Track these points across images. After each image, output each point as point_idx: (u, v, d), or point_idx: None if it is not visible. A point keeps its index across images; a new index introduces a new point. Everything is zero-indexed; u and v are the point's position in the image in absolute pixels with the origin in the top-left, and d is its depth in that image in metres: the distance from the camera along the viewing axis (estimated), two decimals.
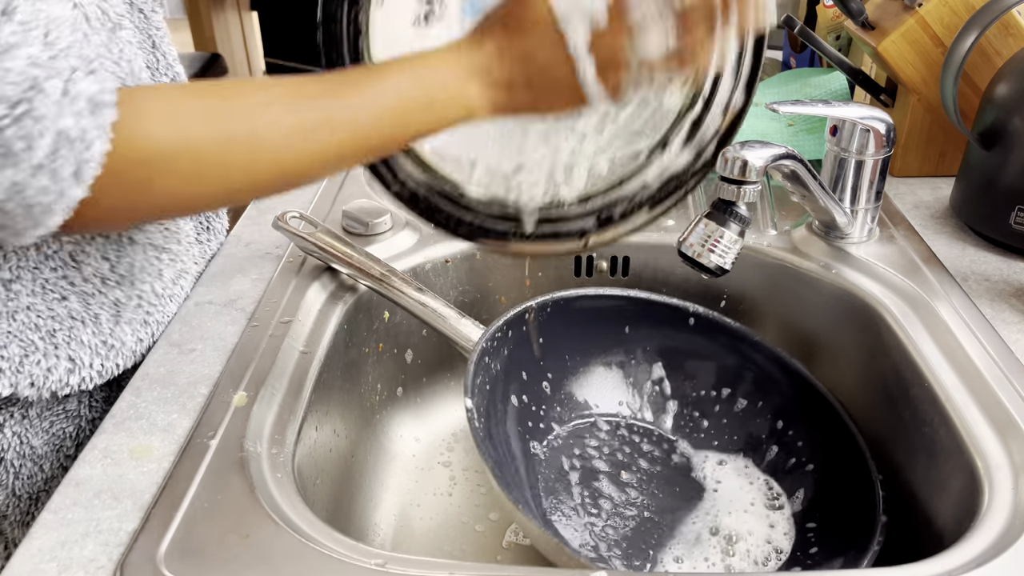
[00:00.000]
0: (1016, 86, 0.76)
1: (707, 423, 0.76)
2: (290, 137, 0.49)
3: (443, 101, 0.53)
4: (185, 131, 0.47)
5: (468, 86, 0.53)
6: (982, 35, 0.75)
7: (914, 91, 0.88)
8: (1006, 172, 0.76)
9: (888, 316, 0.70)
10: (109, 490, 0.53)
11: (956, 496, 0.58)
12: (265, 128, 0.49)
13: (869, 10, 0.91)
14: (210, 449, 0.55)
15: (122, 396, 0.61)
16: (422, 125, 0.53)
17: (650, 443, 0.74)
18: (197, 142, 0.47)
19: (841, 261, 0.76)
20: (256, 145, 0.49)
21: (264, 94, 0.50)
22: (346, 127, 0.51)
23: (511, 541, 0.70)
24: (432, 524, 0.72)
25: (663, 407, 0.78)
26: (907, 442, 0.66)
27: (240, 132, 0.48)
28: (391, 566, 0.48)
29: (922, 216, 0.84)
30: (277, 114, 0.49)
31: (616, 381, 0.77)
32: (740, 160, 0.56)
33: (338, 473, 0.69)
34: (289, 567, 0.48)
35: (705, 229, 0.61)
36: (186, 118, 0.47)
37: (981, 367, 0.62)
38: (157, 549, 0.48)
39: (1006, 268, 0.75)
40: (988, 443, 0.57)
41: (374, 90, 0.52)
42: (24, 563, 0.48)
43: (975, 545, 0.50)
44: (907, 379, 0.66)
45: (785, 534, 0.65)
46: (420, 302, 0.69)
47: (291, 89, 0.51)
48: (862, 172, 0.74)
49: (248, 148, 0.48)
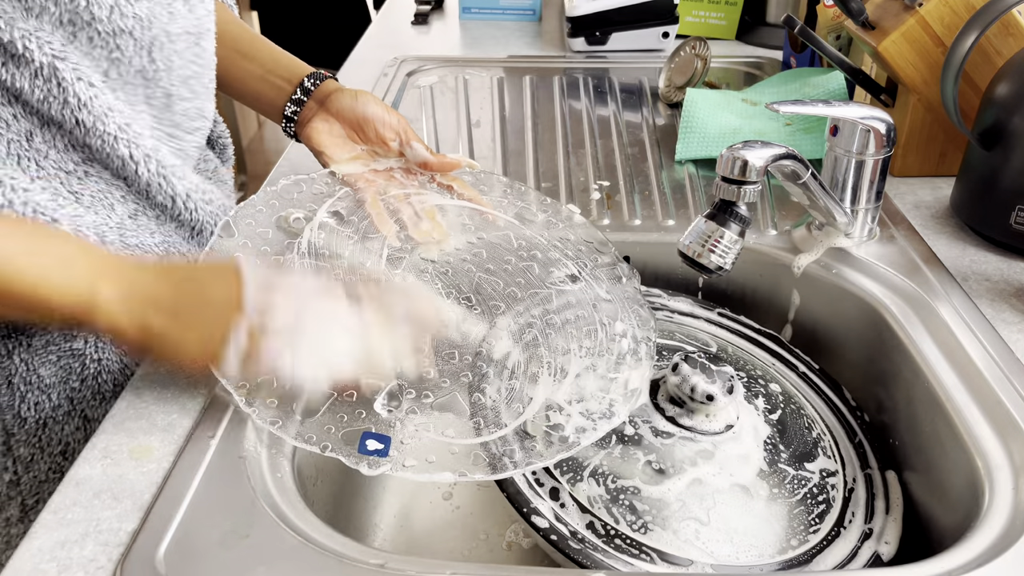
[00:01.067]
0: (1016, 86, 0.76)
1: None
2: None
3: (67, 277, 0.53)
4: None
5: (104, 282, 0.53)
6: (982, 35, 0.75)
7: (914, 91, 0.88)
8: (1006, 172, 0.76)
9: (888, 316, 0.70)
10: (109, 490, 0.53)
11: (956, 496, 0.58)
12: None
13: (869, 10, 0.91)
14: (210, 449, 0.55)
15: (122, 396, 0.61)
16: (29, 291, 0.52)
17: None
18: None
19: (841, 261, 0.76)
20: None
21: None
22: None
23: (511, 541, 0.70)
24: (432, 524, 0.72)
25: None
26: (907, 442, 0.66)
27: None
28: (391, 566, 0.48)
29: (922, 216, 0.84)
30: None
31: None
32: (740, 160, 0.56)
33: (338, 473, 0.69)
34: (289, 567, 0.48)
35: (705, 229, 0.61)
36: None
37: (981, 367, 0.62)
38: (157, 549, 0.48)
39: (1006, 268, 0.75)
40: (988, 443, 0.57)
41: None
42: (24, 563, 0.48)
43: (975, 545, 0.50)
44: (907, 379, 0.66)
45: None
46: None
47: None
48: (862, 172, 0.74)
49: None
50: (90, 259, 0.54)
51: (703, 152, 0.96)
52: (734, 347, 0.76)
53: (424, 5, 1.63)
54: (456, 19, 1.60)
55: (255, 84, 0.79)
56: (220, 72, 0.74)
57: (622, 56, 1.34)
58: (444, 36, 1.52)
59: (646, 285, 0.83)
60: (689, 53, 1.15)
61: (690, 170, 0.95)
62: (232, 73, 0.78)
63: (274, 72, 0.78)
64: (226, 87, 0.79)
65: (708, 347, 0.75)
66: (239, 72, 0.78)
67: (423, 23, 1.57)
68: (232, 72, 0.78)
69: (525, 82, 1.23)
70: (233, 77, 0.79)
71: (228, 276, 0.56)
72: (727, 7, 1.40)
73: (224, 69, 0.76)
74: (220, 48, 0.72)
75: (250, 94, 0.79)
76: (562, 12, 1.49)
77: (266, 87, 0.78)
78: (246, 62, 0.78)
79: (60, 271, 0.52)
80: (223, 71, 0.76)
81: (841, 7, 0.91)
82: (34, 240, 0.53)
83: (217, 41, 0.71)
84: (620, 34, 1.34)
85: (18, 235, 0.53)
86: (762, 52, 1.35)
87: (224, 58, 0.75)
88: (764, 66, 1.29)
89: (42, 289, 0.52)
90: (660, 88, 1.16)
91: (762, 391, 0.71)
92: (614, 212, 0.86)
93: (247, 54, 0.78)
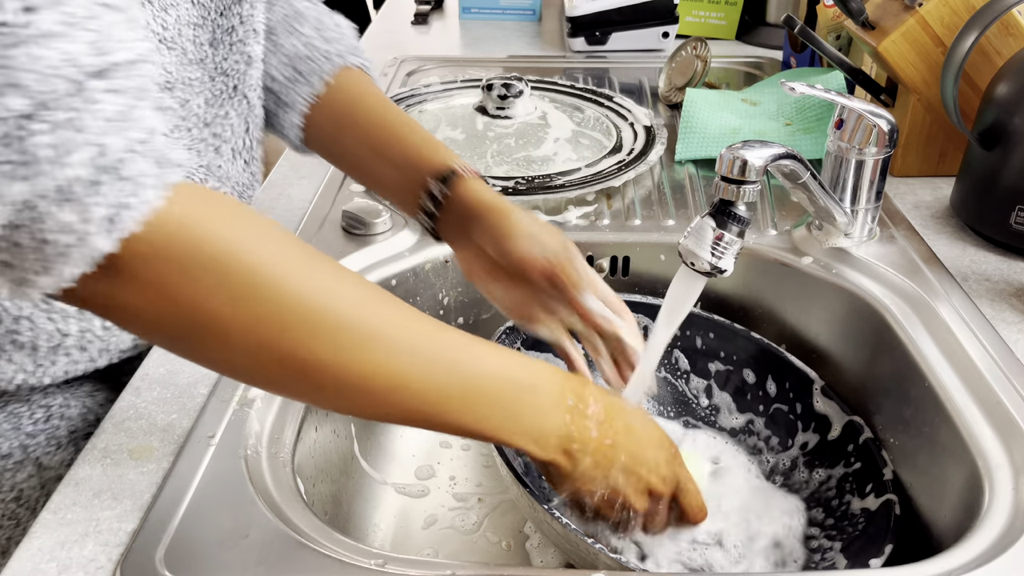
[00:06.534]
0: (1016, 86, 0.76)
1: (710, 419, 0.76)
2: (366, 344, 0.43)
3: (528, 416, 0.49)
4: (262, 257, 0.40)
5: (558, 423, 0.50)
6: (982, 35, 0.75)
7: (914, 91, 0.88)
8: (1006, 172, 0.76)
9: (888, 316, 0.70)
10: (109, 490, 0.53)
11: (956, 496, 0.58)
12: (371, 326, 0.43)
13: (869, 10, 0.91)
14: (210, 449, 0.55)
15: (122, 396, 0.61)
16: (482, 423, 0.48)
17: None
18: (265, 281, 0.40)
19: (841, 261, 0.76)
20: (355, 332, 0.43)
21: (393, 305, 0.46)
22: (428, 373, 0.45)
23: (511, 542, 0.70)
24: (432, 524, 0.72)
25: (668, 410, 0.78)
26: (907, 442, 0.66)
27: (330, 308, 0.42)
28: (391, 566, 0.48)
29: (922, 216, 0.84)
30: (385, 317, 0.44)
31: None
32: (740, 160, 0.56)
33: (338, 473, 0.69)
34: (289, 567, 0.48)
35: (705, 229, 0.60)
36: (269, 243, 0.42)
37: (981, 367, 0.62)
38: (157, 549, 0.48)
39: (1006, 268, 0.75)
40: (988, 443, 0.57)
41: (480, 360, 0.48)
42: (24, 563, 0.48)
43: (975, 545, 0.50)
44: (907, 379, 0.66)
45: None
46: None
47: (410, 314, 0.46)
48: (862, 172, 0.74)
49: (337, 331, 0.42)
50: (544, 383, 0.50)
51: (703, 152, 0.96)
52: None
53: (424, 5, 1.63)
54: (456, 19, 1.60)
55: (391, 182, 0.66)
56: (359, 167, 0.68)
57: (622, 56, 1.34)
58: (444, 36, 1.52)
59: (646, 286, 0.83)
60: (689, 54, 1.15)
61: (690, 170, 0.95)
62: (369, 167, 0.67)
63: (403, 170, 0.65)
64: (371, 184, 0.69)
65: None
66: (374, 167, 0.67)
67: (423, 23, 1.57)
68: (369, 166, 0.67)
69: None
70: (371, 172, 0.67)
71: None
72: (727, 7, 1.40)
73: (361, 163, 0.68)
74: (358, 142, 0.66)
75: (388, 191, 0.67)
76: (562, 12, 1.49)
77: (400, 187, 0.65)
78: (378, 159, 0.66)
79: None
80: (362, 166, 0.68)
81: (841, 7, 0.91)
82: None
83: (353, 134, 0.66)
84: (620, 34, 1.34)
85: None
86: (762, 52, 1.35)
87: (361, 153, 0.67)
88: (764, 66, 1.29)
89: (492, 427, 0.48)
90: (660, 89, 1.16)
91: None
92: (614, 212, 0.86)
93: (379, 150, 0.66)
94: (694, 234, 0.58)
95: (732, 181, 0.57)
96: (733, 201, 0.57)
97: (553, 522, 0.52)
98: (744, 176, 0.56)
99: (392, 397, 0.44)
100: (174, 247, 0.38)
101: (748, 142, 0.58)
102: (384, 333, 0.44)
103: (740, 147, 0.57)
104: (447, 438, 0.81)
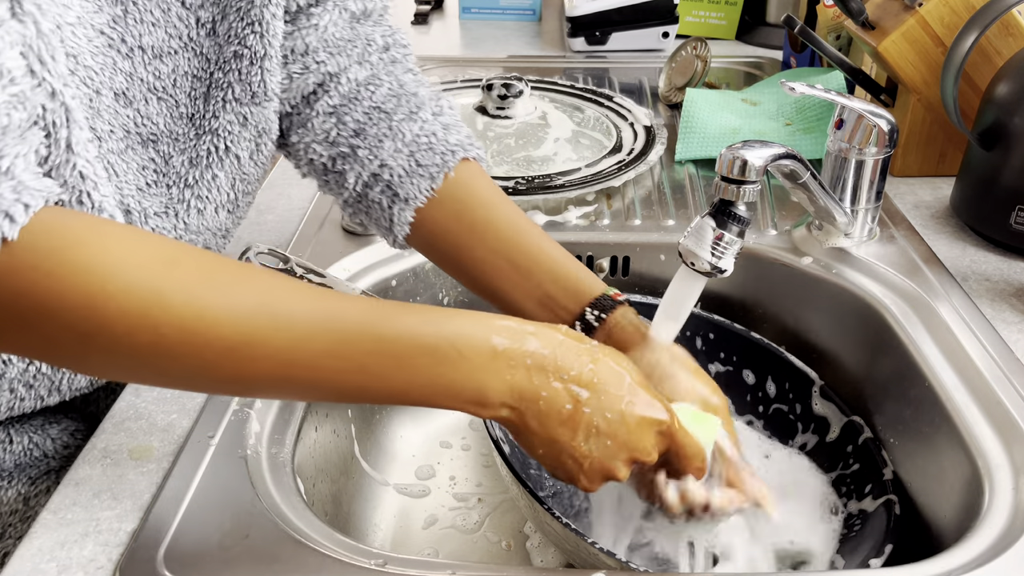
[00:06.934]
0: (1016, 86, 0.76)
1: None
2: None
3: (451, 376, 0.46)
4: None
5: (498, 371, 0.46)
6: (982, 35, 0.75)
7: (914, 91, 0.88)
8: (1006, 172, 0.76)
9: (888, 316, 0.70)
10: (109, 490, 0.53)
11: (956, 496, 0.58)
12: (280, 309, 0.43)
13: (869, 10, 0.91)
14: (210, 449, 0.55)
15: (122, 396, 0.61)
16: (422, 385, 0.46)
17: None
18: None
19: (841, 261, 0.76)
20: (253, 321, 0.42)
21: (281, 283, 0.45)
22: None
23: (511, 542, 0.70)
24: (432, 524, 0.72)
25: None
26: (907, 442, 0.66)
27: (250, 304, 0.42)
28: (391, 566, 0.48)
29: (922, 216, 0.84)
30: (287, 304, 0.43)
31: None
32: (740, 160, 0.56)
33: (338, 473, 0.69)
34: (289, 567, 0.48)
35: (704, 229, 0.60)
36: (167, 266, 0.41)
37: (981, 367, 0.62)
38: (157, 549, 0.48)
39: (1006, 268, 0.75)
40: (988, 443, 0.57)
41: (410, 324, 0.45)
42: (24, 563, 0.48)
43: (976, 545, 0.50)
44: (907, 379, 0.66)
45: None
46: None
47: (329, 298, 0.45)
48: (862, 172, 0.74)
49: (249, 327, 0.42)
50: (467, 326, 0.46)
51: (703, 152, 0.96)
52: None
53: (424, 5, 1.63)
54: (456, 19, 1.60)
55: (530, 306, 0.61)
56: (492, 286, 0.61)
57: (622, 56, 1.34)
58: (444, 36, 1.52)
59: (646, 286, 0.83)
60: (689, 54, 1.15)
61: (690, 170, 0.95)
62: (506, 291, 0.61)
63: (552, 297, 0.60)
64: (503, 306, 0.62)
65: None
66: (511, 288, 0.61)
67: (423, 23, 1.57)
68: (502, 286, 0.61)
69: None
70: (508, 295, 0.61)
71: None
72: (727, 7, 1.40)
73: (496, 284, 0.61)
74: (490, 256, 0.61)
75: (522, 314, 0.60)
76: (562, 12, 1.49)
77: (546, 315, 0.60)
78: (521, 277, 0.61)
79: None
80: (496, 286, 0.61)
81: (841, 7, 0.91)
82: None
83: (486, 245, 0.61)
84: (620, 34, 1.34)
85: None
86: (762, 52, 1.35)
87: (496, 271, 0.61)
88: (764, 66, 1.29)
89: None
90: (660, 89, 1.16)
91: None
92: (614, 212, 0.86)
93: (521, 265, 0.61)
94: (694, 234, 0.58)
95: (732, 181, 0.57)
96: (733, 201, 0.57)
97: (553, 522, 0.52)
98: (744, 176, 0.56)
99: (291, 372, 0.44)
100: (9, 301, 0.39)
101: (748, 142, 0.58)
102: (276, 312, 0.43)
103: (740, 147, 0.57)
104: (447, 438, 0.81)
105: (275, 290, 0.44)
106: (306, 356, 0.43)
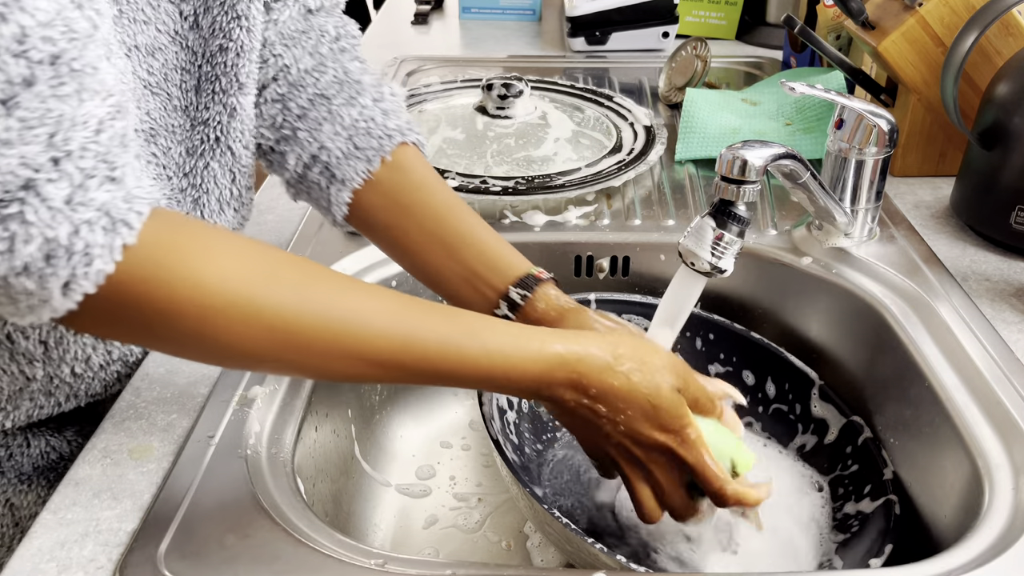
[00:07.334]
0: (1016, 86, 0.76)
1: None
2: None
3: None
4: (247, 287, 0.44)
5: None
6: (982, 35, 0.75)
7: (914, 91, 0.88)
8: (1006, 172, 0.76)
9: (888, 316, 0.70)
10: (109, 490, 0.53)
11: (956, 496, 0.58)
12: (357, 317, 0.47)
13: (869, 10, 0.91)
14: (210, 449, 0.55)
15: (122, 396, 0.61)
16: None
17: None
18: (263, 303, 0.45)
19: (841, 261, 0.76)
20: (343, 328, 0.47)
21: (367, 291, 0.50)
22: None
23: (511, 542, 0.70)
24: (432, 524, 0.72)
25: None
26: (907, 442, 0.66)
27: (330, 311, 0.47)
28: (391, 566, 0.48)
29: (922, 216, 0.84)
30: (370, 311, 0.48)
31: None
32: (740, 160, 0.56)
33: (338, 473, 0.69)
34: (289, 567, 0.48)
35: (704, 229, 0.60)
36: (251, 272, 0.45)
37: (981, 367, 0.62)
38: (157, 549, 0.48)
39: (1006, 268, 0.75)
40: (988, 443, 0.57)
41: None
42: (24, 563, 0.48)
43: (975, 545, 0.50)
44: (907, 379, 0.66)
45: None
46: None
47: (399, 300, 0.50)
48: (862, 172, 0.74)
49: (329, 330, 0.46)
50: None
51: (703, 152, 0.96)
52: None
53: (424, 5, 1.63)
54: (456, 19, 1.60)
55: (457, 284, 0.63)
56: (422, 264, 0.64)
57: (622, 56, 1.34)
58: (444, 36, 1.52)
59: (646, 286, 0.83)
60: (689, 54, 1.15)
61: (690, 170, 0.95)
62: (436, 269, 0.63)
63: (479, 275, 0.62)
64: (432, 285, 0.65)
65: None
66: (440, 267, 0.63)
67: (423, 23, 1.57)
68: (433, 264, 0.63)
69: None
70: (437, 274, 0.63)
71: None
72: (727, 7, 1.40)
73: (426, 262, 0.63)
74: (423, 236, 0.63)
75: (455, 298, 0.63)
76: (562, 12, 1.49)
77: (471, 292, 0.62)
78: (450, 257, 0.62)
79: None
80: (426, 264, 0.64)
81: (841, 7, 0.91)
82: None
83: (418, 222, 0.63)
84: (620, 34, 1.34)
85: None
86: (762, 52, 1.35)
87: (427, 250, 0.63)
88: (764, 66, 1.29)
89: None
90: (660, 89, 1.16)
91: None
92: (614, 212, 0.86)
93: (451, 245, 0.62)
94: (694, 234, 0.58)
95: (732, 181, 0.57)
96: (733, 201, 0.57)
97: (553, 522, 0.52)
98: (744, 176, 0.56)
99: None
100: (129, 305, 0.42)
101: (748, 142, 0.58)
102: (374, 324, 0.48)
103: (740, 147, 0.57)
104: (447, 438, 0.81)
105: (363, 302, 0.49)
106: (387, 366, 0.48)
